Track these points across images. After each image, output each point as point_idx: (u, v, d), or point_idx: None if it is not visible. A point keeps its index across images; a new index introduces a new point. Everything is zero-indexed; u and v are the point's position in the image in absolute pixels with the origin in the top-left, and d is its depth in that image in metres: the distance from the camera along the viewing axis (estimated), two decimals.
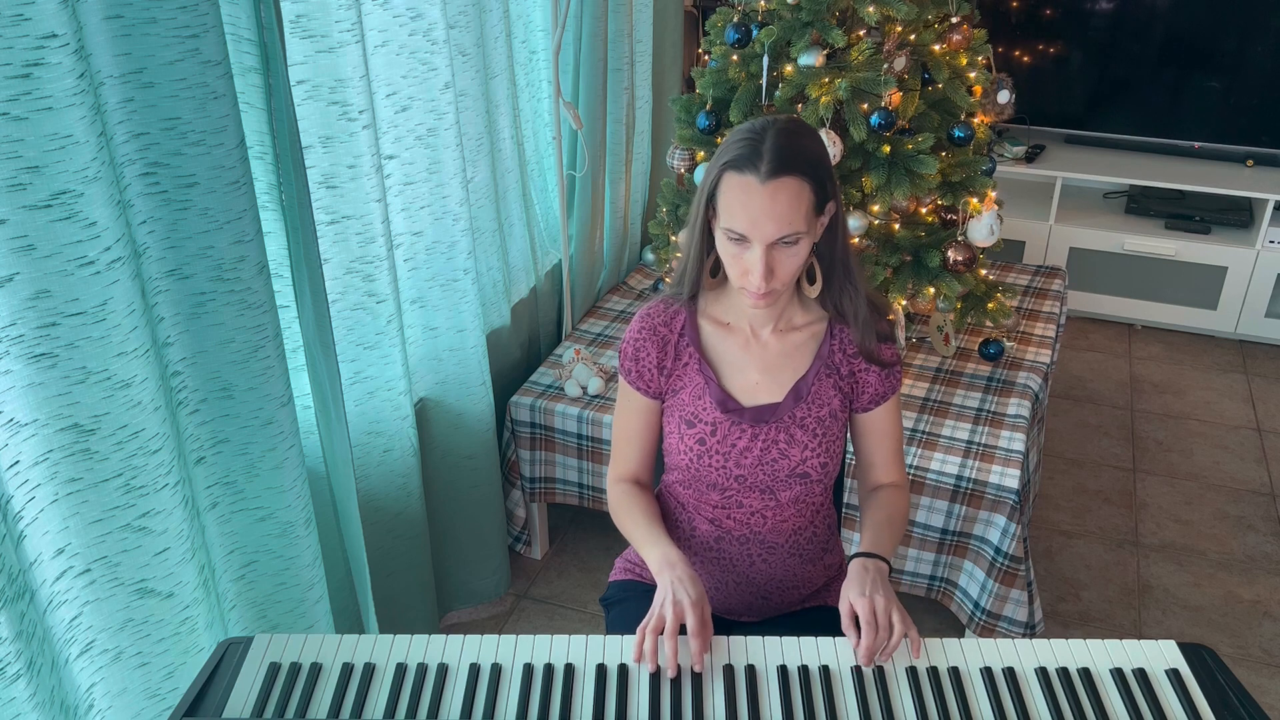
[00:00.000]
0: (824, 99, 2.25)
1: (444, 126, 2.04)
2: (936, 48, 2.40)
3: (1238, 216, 3.73)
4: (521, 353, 2.83)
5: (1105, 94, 3.89)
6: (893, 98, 2.33)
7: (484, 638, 1.33)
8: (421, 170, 2.06)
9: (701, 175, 2.54)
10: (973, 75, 2.48)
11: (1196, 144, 3.84)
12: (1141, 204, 3.86)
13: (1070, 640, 1.33)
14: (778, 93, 2.38)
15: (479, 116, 2.28)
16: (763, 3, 2.41)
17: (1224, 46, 3.65)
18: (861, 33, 2.37)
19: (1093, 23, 3.79)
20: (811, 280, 1.43)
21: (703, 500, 1.52)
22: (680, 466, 1.50)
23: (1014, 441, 2.31)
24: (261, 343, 1.51)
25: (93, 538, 1.32)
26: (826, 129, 2.25)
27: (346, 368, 1.97)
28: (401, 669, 1.28)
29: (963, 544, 2.27)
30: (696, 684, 1.26)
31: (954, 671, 1.29)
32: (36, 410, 1.22)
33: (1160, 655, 1.32)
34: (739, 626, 1.60)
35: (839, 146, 2.26)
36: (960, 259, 2.39)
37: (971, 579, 2.28)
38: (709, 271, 1.45)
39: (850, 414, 1.52)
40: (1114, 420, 3.35)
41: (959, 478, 2.23)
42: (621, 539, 1.79)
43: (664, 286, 2.92)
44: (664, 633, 1.29)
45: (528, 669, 1.28)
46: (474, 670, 1.28)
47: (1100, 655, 1.32)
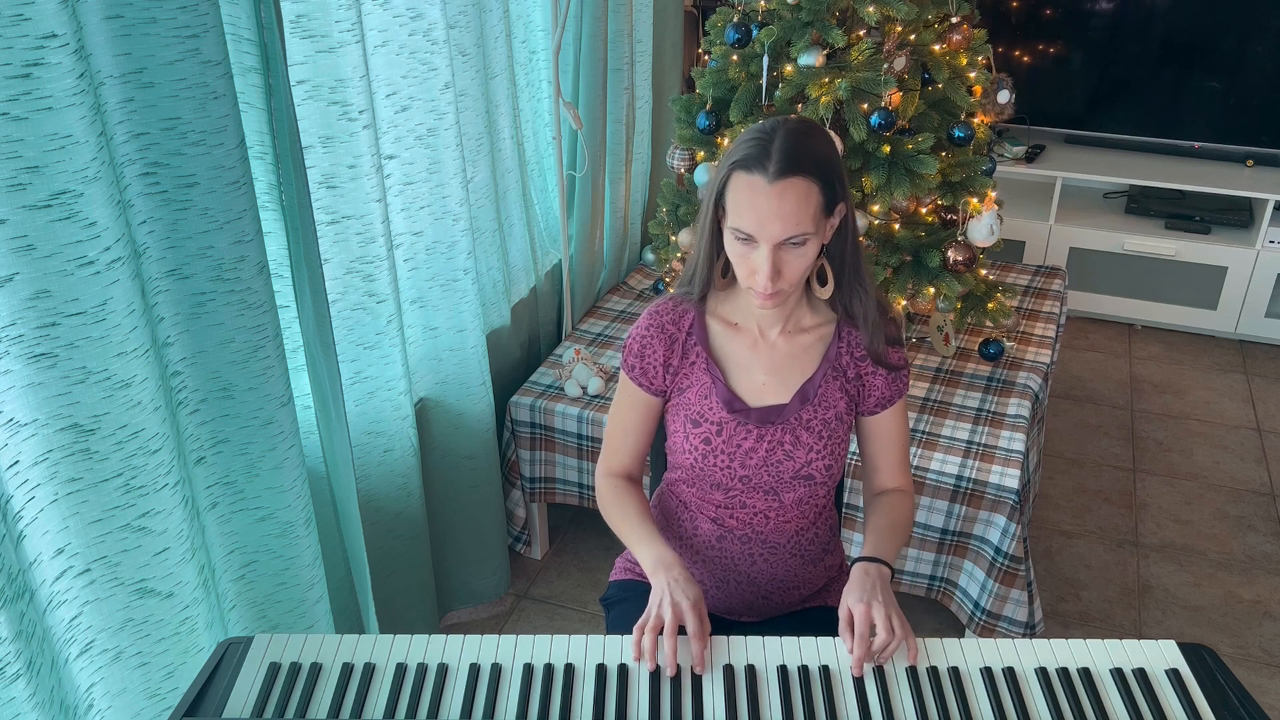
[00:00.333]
0: (824, 99, 2.25)
1: (444, 126, 2.04)
2: (936, 48, 2.40)
3: (1238, 216, 3.72)
4: (521, 353, 2.83)
5: (1105, 94, 3.89)
6: (893, 98, 2.33)
7: (484, 638, 1.33)
8: (421, 170, 2.07)
9: (701, 175, 2.55)
10: (973, 75, 2.48)
11: (1196, 144, 3.84)
12: (1141, 204, 3.85)
13: (1070, 640, 1.33)
14: (778, 93, 2.38)
15: (479, 116, 2.28)
16: (763, 3, 2.41)
17: (1224, 46, 3.65)
18: (861, 33, 2.37)
19: (1093, 23, 3.79)
20: (823, 282, 1.43)
21: (706, 500, 1.52)
22: (684, 466, 1.50)
23: (1014, 441, 2.31)
24: (261, 343, 1.51)
25: (92, 538, 1.32)
26: (826, 129, 2.25)
27: (346, 368, 1.97)
28: (401, 669, 1.28)
29: (963, 544, 2.27)
30: (696, 684, 1.26)
31: (954, 671, 1.29)
32: (36, 410, 1.22)
33: (1160, 655, 1.32)
34: (739, 626, 1.60)
35: (839, 146, 2.26)
36: (960, 259, 2.39)
37: (971, 579, 2.28)
38: (719, 272, 1.45)
39: (856, 417, 1.52)
40: (1114, 420, 3.35)
41: (959, 478, 2.23)
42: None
43: (664, 287, 2.93)
44: (663, 632, 1.29)
45: (528, 669, 1.28)
46: (474, 670, 1.28)
47: (1100, 655, 1.32)
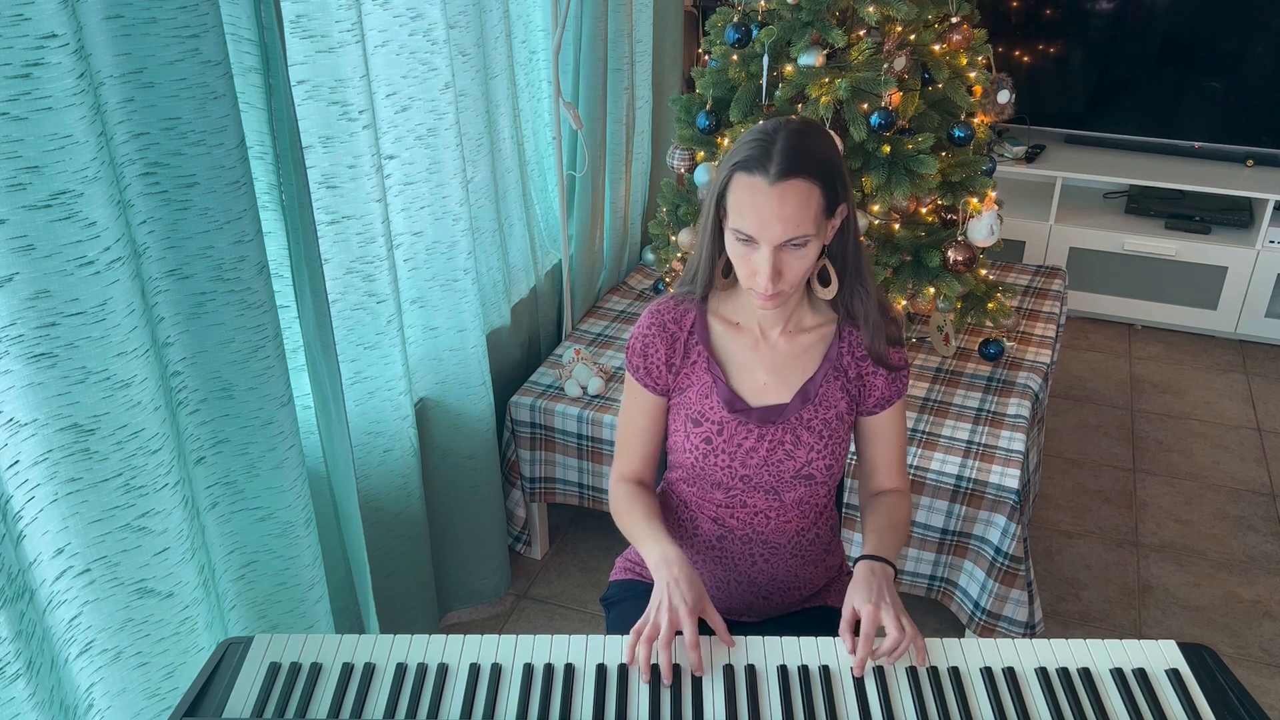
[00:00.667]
0: (824, 99, 2.25)
1: (444, 126, 2.04)
2: (936, 48, 2.40)
3: (1238, 216, 3.72)
4: (521, 353, 2.83)
5: (1105, 94, 3.89)
6: (893, 98, 2.33)
7: (484, 638, 1.33)
8: (421, 170, 2.07)
9: (701, 175, 2.55)
10: (973, 75, 2.48)
11: (1196, 144, 3.84)
12: (1141, 204, 3.85)
13: (1070, 640, 1.34)
14: (778, 93, 2.38)
15: (479, 116, 2.28)
16: (763, 3, 2.41)
17: (1224, 46, 3.65)
18: (861, 33, 2.37)
19: (1093, 23, 3.79)
20: (825, 283, 1.43)
21: (706, 499, 1.52)
22: (685, 465, 1.50)
23: (1014, 441, 2.31)
24: (261, 343, 1.51)
25: (92, 537, 1.32)
26: (828, 130, 2.25)
27: (347, 368, 1.97)
28: (401, 669, 1.28)
29: (963, 544, 2.27)
30: (696, 684, 1.26)
31: (954, 671, 1.29)
32: (36, 410, 1.22)
33: (1160, 655, 1.32)
34: (739, 626, 1.59)
35: (840, 147, 2.26)
36: (960, 259, 2.39)
37: (971, 579, 2.28)
38: (721, 272, 1.45)
39: (855, 417, 1.52)
40: (1114, 420, 3.35)
41: (959, 478, 2.23)
42: (622, 539, 1.79)
43: (664, 287, 2.93)
44: (659, 640, 1.28)
45: (528, 669, 1.28)
46: (474, 670, 1.28)
47: (1100, 655, 1.32)
